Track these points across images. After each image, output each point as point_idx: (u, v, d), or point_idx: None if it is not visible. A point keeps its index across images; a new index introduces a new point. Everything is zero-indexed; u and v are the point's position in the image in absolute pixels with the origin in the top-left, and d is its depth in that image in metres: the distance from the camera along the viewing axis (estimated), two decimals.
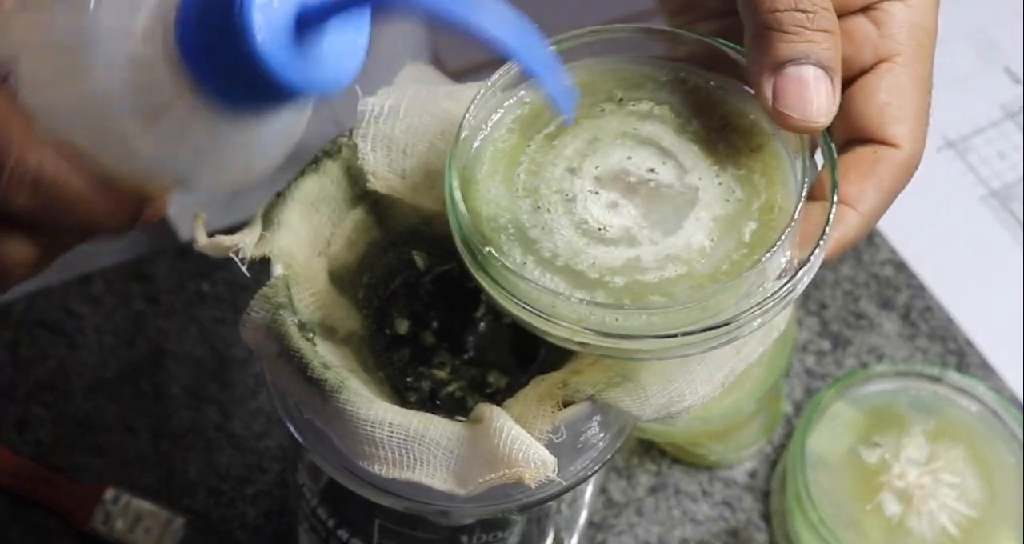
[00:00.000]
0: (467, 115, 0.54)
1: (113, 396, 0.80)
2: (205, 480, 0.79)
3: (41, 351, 0.82)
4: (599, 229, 0.52)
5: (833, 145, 0.53)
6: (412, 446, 0.52)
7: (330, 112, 0.89)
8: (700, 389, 0.55)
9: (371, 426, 0.52)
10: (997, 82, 0.99)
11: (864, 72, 0.54)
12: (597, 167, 0.53)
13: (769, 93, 0.52)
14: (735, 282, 0.50)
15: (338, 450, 0.54)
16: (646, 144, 0.53)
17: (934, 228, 0.92)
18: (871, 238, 0.90)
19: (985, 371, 0.86)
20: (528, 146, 0.54)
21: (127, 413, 0.81)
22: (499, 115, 0.54)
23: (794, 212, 0.51)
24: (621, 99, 0.54)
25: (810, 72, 0.52)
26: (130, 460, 0.79)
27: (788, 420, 0.84)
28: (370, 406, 0.52)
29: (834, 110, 0.52)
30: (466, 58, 0.92)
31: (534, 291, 0.51)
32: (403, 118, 0.57)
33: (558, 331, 0.51)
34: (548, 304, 0.51)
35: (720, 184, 0.53)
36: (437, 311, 0.59)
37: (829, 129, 0.53)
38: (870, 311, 0.87)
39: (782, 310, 0.52)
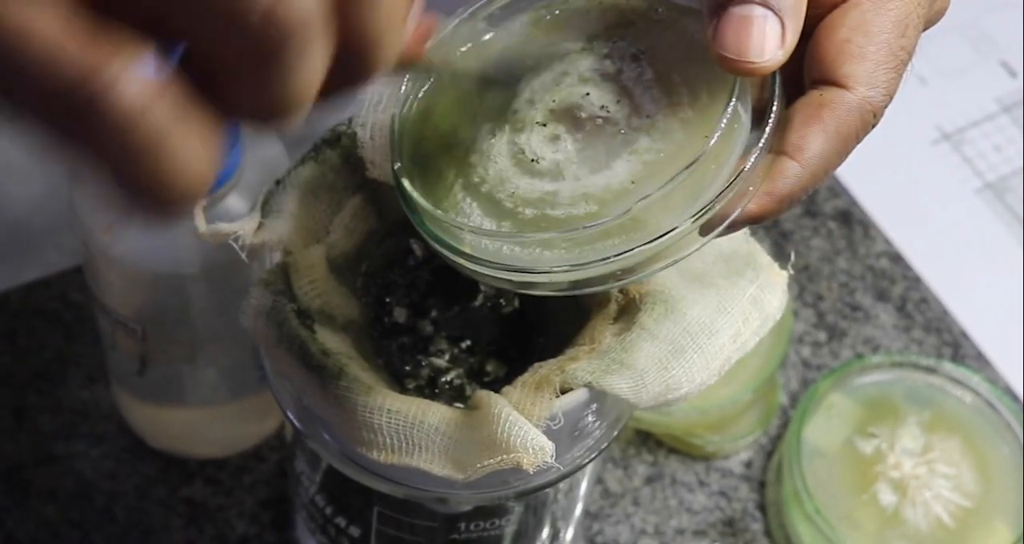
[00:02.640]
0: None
1: (110, 385, 0.80)
2: (203, 469, 0.79)
3: (39, 340, 0.82)
4: (532, 160, 0.51)
5: (778, 88, 0.49)
6: (410, 432, 0.52)
7: None
8: (697, 377, 0.55)
9: (370, 412, 0.52)
10: (993, 75, 0.99)
11: (834, 8, 0.50)
12: (554, 101, 0.52)
13: (712, 34, 0.48)
14: (620, 222, 0.48)
15: (337, 437, 0.55)
16: (609, 82, 0.52)
17: (929, 220, 0.92)
18: (867, 231, 0.90)
19: (980, 362, 0.86)
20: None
21: None
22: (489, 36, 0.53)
23: (701, 153, 0.48)
24: (599, 37, 0.53)
25: (754, 11, 0.47)
26: (128, 448, 0.79)
27: (784, 411, 0.84)
28: (369, 392, 0.52)
29: (780, 54, 0.47)
30: None
31: (438, 219, 0.50)
32: None
33: (461, 261, 0.50)
34: (455, 234, 0.50)
35: (664, 128, 0.50)
36: (435, 299, 0.59)
37: (800, 76, 0.50)
38: (866, 303, 0.88)
39: (692, 253, 0.49)
